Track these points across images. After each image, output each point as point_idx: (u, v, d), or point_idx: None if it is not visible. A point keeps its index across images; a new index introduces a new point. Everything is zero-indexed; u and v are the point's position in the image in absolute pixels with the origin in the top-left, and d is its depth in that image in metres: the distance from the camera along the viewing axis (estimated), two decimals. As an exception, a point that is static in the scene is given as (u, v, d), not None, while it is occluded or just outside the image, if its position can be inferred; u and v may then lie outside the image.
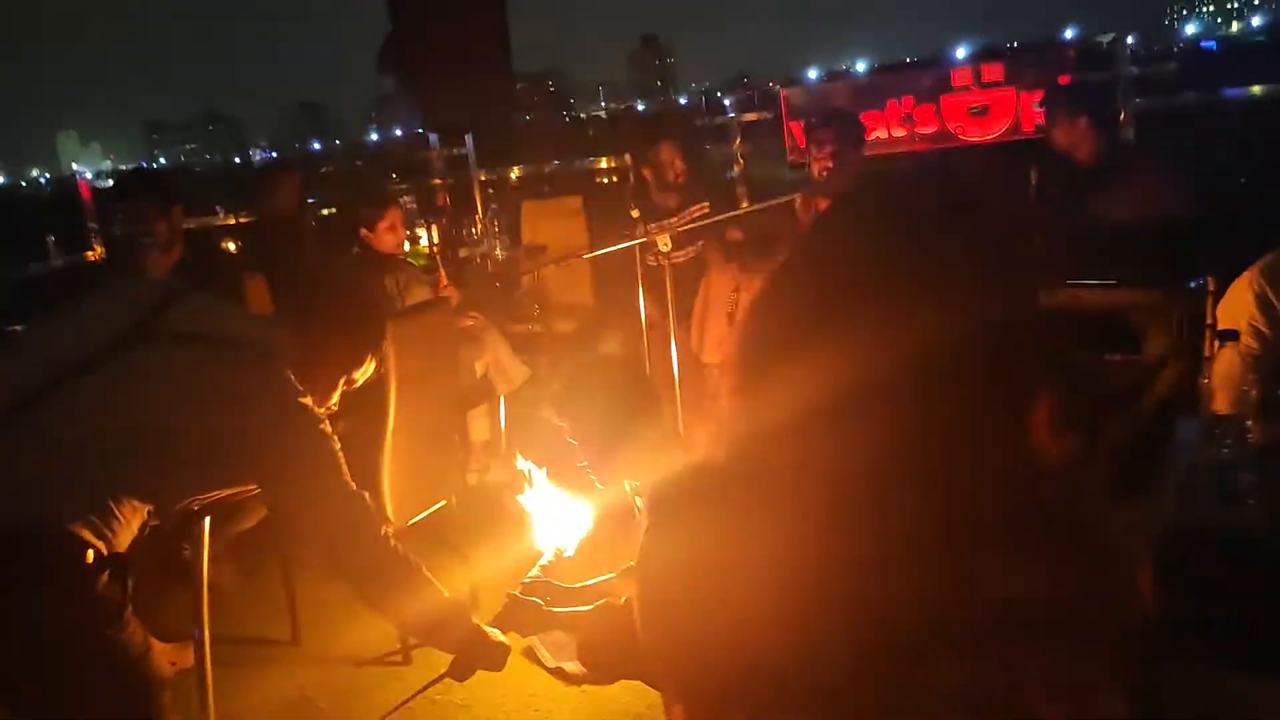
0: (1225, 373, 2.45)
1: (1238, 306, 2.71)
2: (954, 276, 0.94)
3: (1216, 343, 2.91)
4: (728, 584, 0.99)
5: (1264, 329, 2.65)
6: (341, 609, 3.46)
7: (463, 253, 5.46)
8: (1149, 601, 1.91)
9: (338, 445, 2.11)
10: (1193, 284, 3.61)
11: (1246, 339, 2.66)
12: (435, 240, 5.37)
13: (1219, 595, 2.15)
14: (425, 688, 3.04)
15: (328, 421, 2.14)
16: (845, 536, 0.94)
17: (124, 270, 4.05)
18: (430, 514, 3.65)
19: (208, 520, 3.03)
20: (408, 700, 3.11)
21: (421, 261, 5.20)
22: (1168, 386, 3.87)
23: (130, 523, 1.93)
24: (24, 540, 1.79)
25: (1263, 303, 2.64)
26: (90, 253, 5.80)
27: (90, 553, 1.85)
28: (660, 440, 3.79)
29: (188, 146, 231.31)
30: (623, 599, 2.47)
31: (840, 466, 0.94)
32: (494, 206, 6.07)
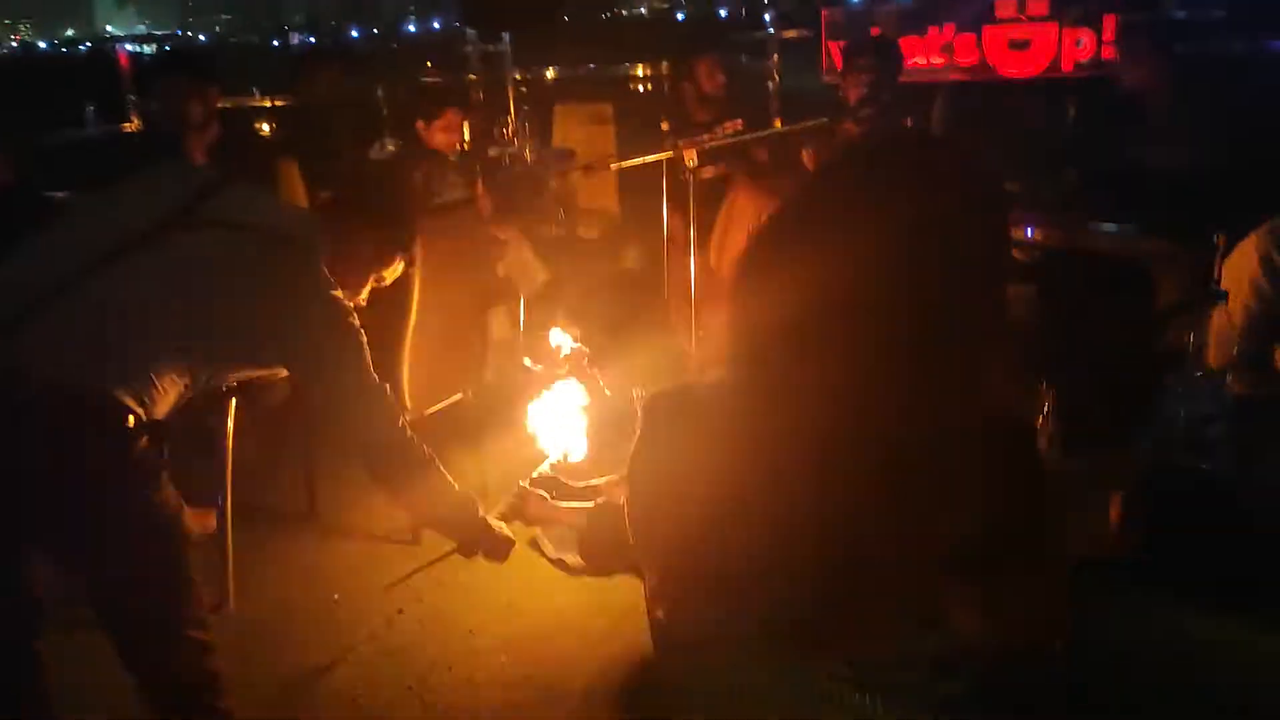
0: (1215, 329, 2.54)
1: (1242, 265, 2.77)
2: (924, 223, 1.04)
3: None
4: (704, 484, 1.11)
5: (1266, 287, 2.71)
6: (357, 487, 3.60)
7: (492, 151, 5.50)
8: (1113, 538, 2.02)
9: (364, 338, 2.24)
10: (1212, 237, 3.65)
11: (1247, 297, 2.72)
12: (467, 137, 5.41)
13: (1182, 535, 2.27)
14: (431, 563, 3.23)
15: (355, 314, 2.26)
16: (810, 454, 1.05)
17: (160, 146, 4.13)
18: (447, 405, 3.79)
19: (234, 397, 3.20)
20: (412, 574, 3.30)
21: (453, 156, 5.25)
22: (1176, 336, 3.94)
23: (168, 393, 2.07)
24: (73, 399, 1.93)
25: (1266, 264, 2.70)
26: (128, 124, 5.87)
27: (131, 417, 1.99)
28: (670, 351, 3.89)
29: (224, 17, 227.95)
30: (621, 500, 2.60)
31: (809, 386, 1.05)
32: (526, 108, 6.08)
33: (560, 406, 3.37)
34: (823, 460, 1.04)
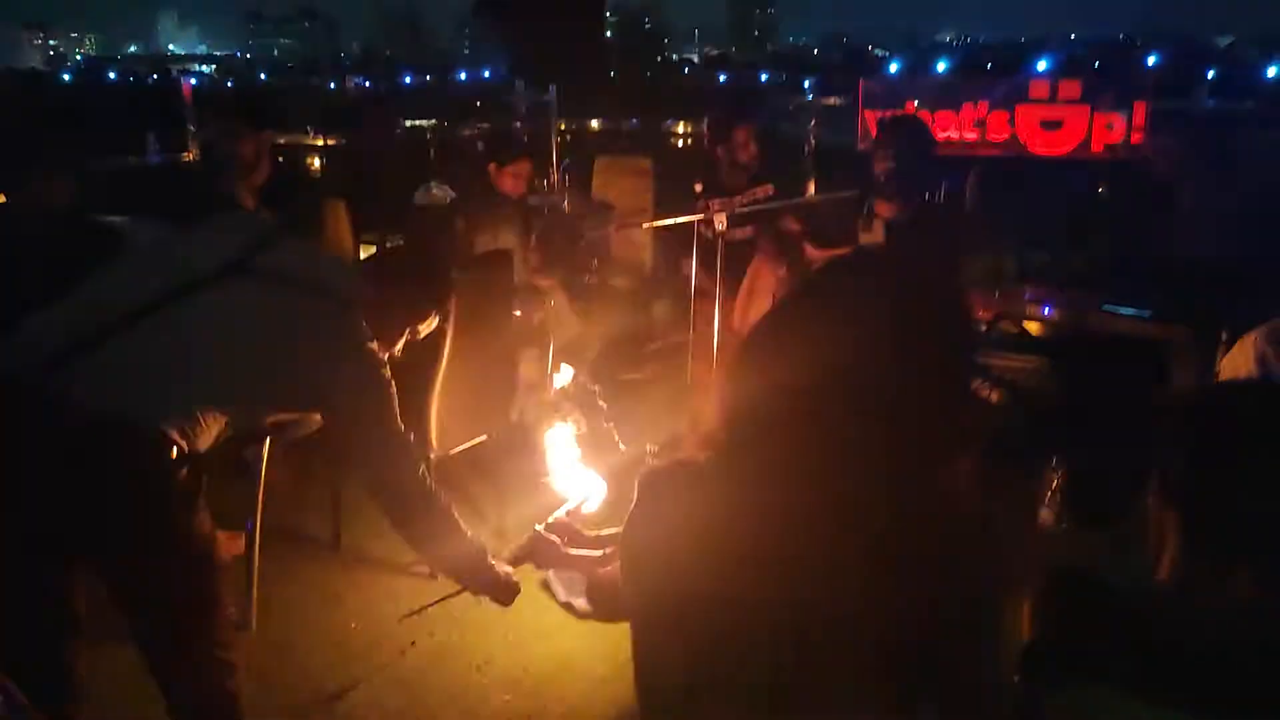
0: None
1: (1239, 362, 2.84)
2: (892, 334, 1.18)
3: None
4: (690, 556, 1.25)
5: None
6: (381, 519, 3.72)
7: (533, 200, 5.69)
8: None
9: (394, 389, 2.38)
10: (1224, 324, 3.73)
11: (1242, 393, 2.81)
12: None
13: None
14: (445, 598, 3.33)
15: (389, 367, 2.41)
16: (787, 535, 1.19)
17: (213, 183, 4.32)
18: (471, 446, 3.93)
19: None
20: (427, 607, 3.41)
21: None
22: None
23: (210, 430, 2.23)
24: (121, 430, 2.09)
25: (1263, 363, 2.77)
26: (187, 153, 6.12)
27: (174, 449, 2.14)
28: (688, 409, 4.01)
29: (283, 41, 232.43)
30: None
31: (789, 472, 1.19)
32: (568, 160, 6.27)
33: (578, 460, 3.49)
34: (799, 540, 1.17)
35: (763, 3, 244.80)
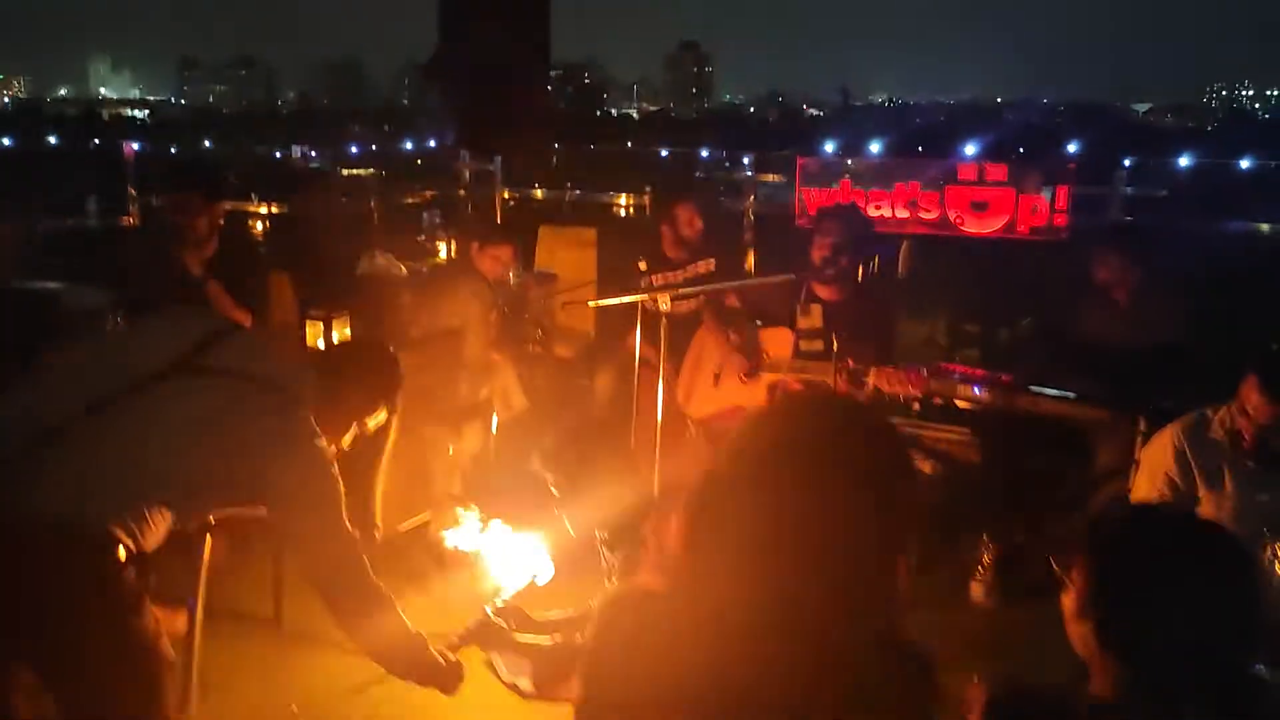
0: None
1: (1158, 455, 3.01)
2: (847, 482, 1.27)
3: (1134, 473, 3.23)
4: (648, 686, 1.31)
5: (1178, 481, 2.94)
6: (322, 597, 3.72)
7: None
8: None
9: (341, 486, 2.42)
10: (1143, 411, 3.91)
11: (1162, 488, 2.96)
12: (454, 254, 5.66)
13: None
14: (388, 676, 3.33)
15: (335, 464, 2.45)
16: (737, 665, 1.26)
17: (164, 254, 4.32)
18: (416, 524, 3.95)
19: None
20: (369, 686, 3.39)
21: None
22: (1110, 498, 4.17)
23: (158, 528, 2.24)
24: (69, 533, 2.10)
25: (1180, 458, 2.94)
26: (127, 217, 6.08)
27: (122, 550, 2.15)
28: (633, 488, 4.06)
29: (218, 88, 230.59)
30: (576, 636, 2.76)
31: (744, 607, 1.27)
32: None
33: (524, 542, 3.54)
34: (756, 667, 1.25)
35: (700, 61, 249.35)
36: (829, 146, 6.69)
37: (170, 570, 3.29)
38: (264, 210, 6.63)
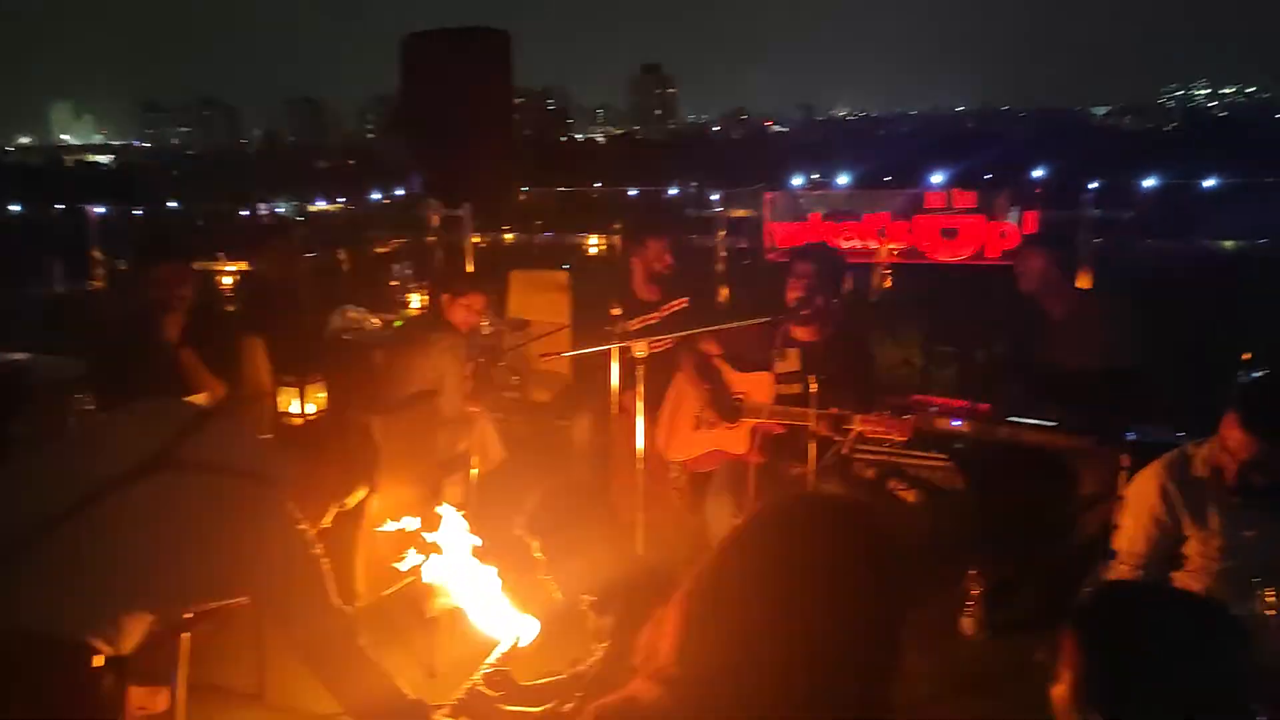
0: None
1: (1142, 494, 3.00)
2: (837, 587, 1.26)
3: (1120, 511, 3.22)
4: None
5: (1164, 519, 2.93)
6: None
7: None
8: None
9: (326, 566, 2.38)
10: (1128, 436, 3.92)
11: (1147, 526, 2.95)
12: (426, 304, 5.62)
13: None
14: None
15: (318, 544, 2.41)
16: None
17: (138, 322, 4.27)
18: (399, 588, 3.88)
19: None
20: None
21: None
22: (1096, 526, 4.18)
23: (135, 631, 2.19)
24: (45, 647, 2.04)
25: (1165, 496, 2.93)
26: (94, 283, 6.02)
27: (98, 658, 2.10)
28: (617, 547, 4.02)
29: (181, 129, 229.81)
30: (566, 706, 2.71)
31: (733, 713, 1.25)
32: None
33: (510, 604, 3.48)
34: None
35: (662, 83, 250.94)
36: (796, 180, 6.72)
37: (151, 650, 3.24)
38: (232, 268, 6.59)
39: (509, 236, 7.50)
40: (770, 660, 1.23)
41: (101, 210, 5.98)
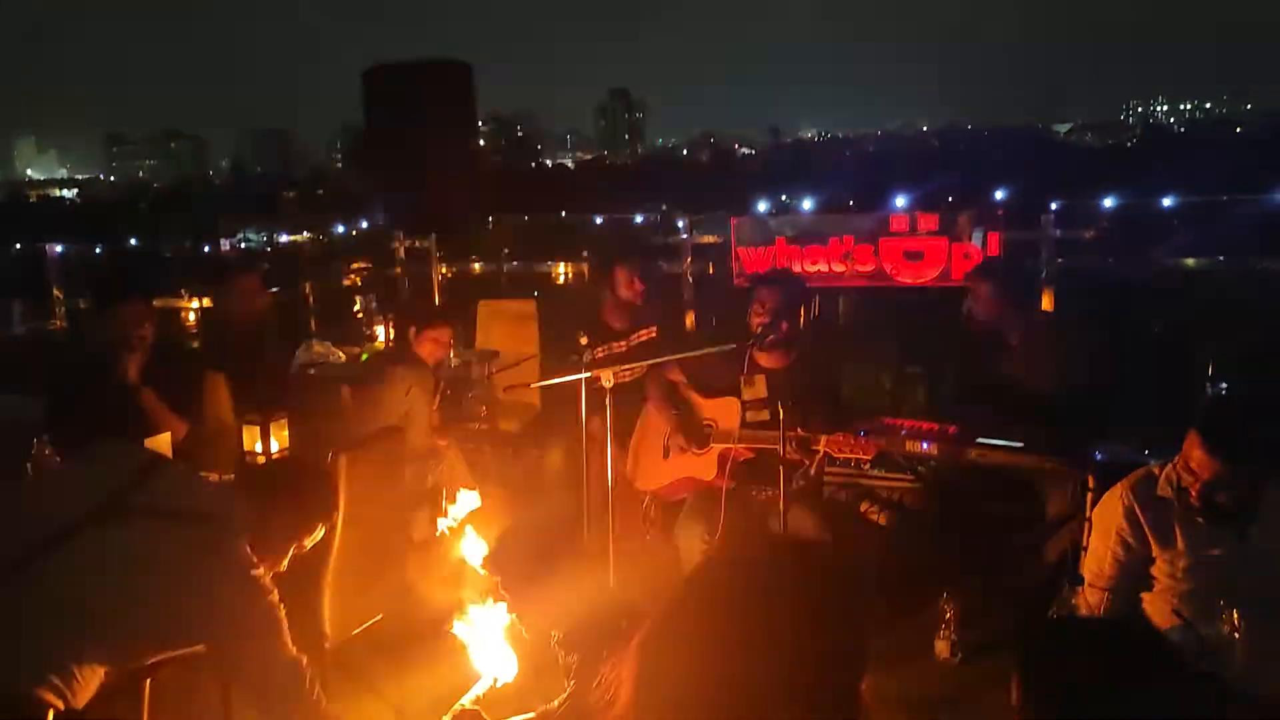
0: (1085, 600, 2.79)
1: (1108, 515, 3.01)
2: (796, 632, 1.25)
3: (1087, 533, 3.24)
4: None
5: (1130, 541, 2.94)
6: None
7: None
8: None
9: (282, 613, 2.34)
10: (1095, 456, 3.93)
11: (1114, 548, 2.96)
12: (392, 337, 5.59)
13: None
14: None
15: (274, 590, 2.37)
16: None
17: (95, 363, 4.21)
18: (367, 627, 3.84)
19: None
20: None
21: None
22: (1065, 546, 4.20)
23: (89, 683, 2.14)
24: None
25: (1130, 517, 2.94)
26: (54, 323, 5.95)
27: (51, 712, 2.05)
28: (588, 582, 4.00)
29: (147, 162, 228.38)
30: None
31: None
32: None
33: (481, 643, 3.45)
34: None
35: (630, 108, 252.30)
36: (763, 204, 6.75)
37: (111, 698, 3.17)
38: (195, 305, 6.52)
39: (477, 266, 7.47)
40: (725, 704, 1.22)
41: (60, 248, 5.92)
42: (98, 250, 8.25)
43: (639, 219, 10.25)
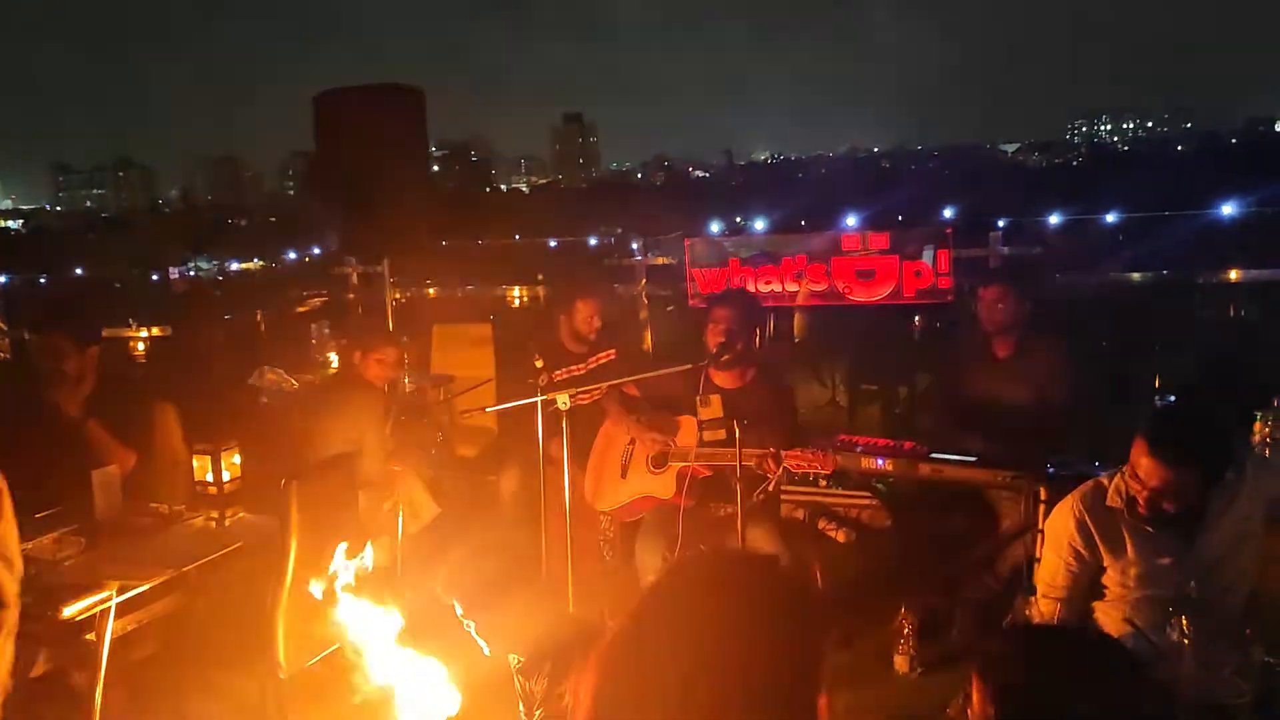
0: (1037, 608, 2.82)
1: (1059, 526, 3.04)
2: (754, 644, 1.25)
3: (1040, 545, 3.27)
4: None
5: (1082, 551, 2.97)
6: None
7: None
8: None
9: None
10: (1048, 468, 3.98)
11: (1067, 558, 2.99)
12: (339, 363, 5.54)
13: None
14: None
15: None
16: None
17: (38, 393, 4.15)
18: (323, 657, 3.78)
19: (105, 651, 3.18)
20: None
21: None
22: (1019, 558, 4.24)
23: None
24: None
25: (1081, 528, 2.97)
26: (-2, 354, 5.84)
27: None
28: (547, 597, 3.99)
29: (95, 191, 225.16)
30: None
31: None
32: (405, 339, 6.27)
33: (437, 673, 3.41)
34: None
35: (584, 132, 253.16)
36: (715, 226, 6.81)
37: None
38: (144, 334, 6.43)
39: (431, 291, 7.44)
40: (683, 717, 1.22)
41: (4, 279, 5.81)
42: (42, 280, 8.11)
43: (593, 241, 10.27)
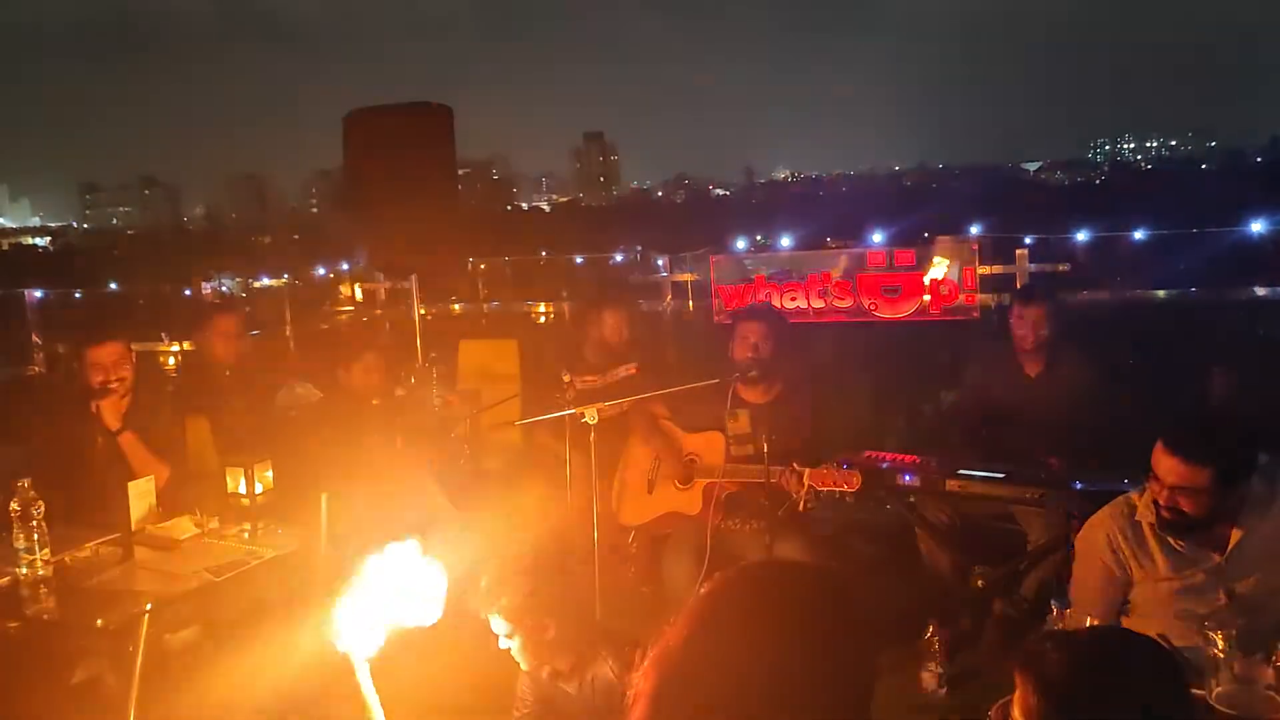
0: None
1: (1091, 544, 3.04)
2: (818, 650, 1.26)
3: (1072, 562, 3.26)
4: None
5: (1114, 568, 2.96)
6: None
7: (399, 391, 5.69)
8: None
9: None
10: (1075, 485, 3.97)
11: (1098, 575, 2.98)
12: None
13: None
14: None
15: None
16: None
17: (73, 405, 4.20)
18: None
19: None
20: None
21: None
22: (1048, 576, 4.23)
23: None
24: None
25: (1112, 545, 2.97)
26: (32, 368, 5.91)
27: None
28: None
29: (121, 209, 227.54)
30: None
31: None
32: (433, 355, 6.31)
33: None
34: None
35: (605, 150, 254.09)
36: (740, 243, 6.85)
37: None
38: (175, 348, 6.50)
39: (457, 307, 7.49)
40: None
41: (40, 294, 5.90)
42: (77, 295, 8.22)
43: (618, 258, 10.35)
